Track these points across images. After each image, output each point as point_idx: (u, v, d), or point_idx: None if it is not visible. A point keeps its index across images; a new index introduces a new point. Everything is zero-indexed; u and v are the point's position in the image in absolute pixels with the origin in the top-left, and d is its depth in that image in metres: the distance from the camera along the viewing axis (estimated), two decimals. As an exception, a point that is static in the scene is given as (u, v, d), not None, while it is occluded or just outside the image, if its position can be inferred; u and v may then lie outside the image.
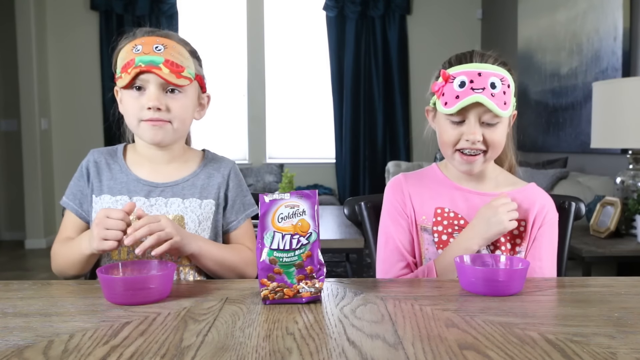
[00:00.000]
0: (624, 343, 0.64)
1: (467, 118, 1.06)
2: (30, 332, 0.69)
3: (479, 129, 1.06)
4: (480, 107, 1.04)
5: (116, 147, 1.19)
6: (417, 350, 0.62)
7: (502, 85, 1.04)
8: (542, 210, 1.13)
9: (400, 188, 1.18)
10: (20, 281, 0.96)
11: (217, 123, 5.21)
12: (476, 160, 1.08)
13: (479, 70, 1.04)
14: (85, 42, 5.19)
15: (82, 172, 1.15)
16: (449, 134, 1.09)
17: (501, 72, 1.05)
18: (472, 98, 1.02)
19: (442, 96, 1.07)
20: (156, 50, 1.05)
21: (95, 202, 1.13)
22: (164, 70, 1.04)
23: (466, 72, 1.04)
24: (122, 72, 1.06)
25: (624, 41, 2.98)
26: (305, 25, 5.41)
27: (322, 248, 0.83)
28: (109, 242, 0.95)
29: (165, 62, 1.04)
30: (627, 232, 2.35)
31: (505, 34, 4.77)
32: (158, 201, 1.11)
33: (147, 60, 1.03)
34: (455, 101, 1.04)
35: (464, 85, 1.04)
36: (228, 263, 1.10)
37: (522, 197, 1.13)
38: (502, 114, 1.03)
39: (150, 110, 1.06)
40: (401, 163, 4.79)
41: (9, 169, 5.16)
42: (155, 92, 1.06)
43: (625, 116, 2.30)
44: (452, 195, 1.15)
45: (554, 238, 1.14)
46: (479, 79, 1.03)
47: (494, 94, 1.02)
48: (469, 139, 1.06)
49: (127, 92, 1.09)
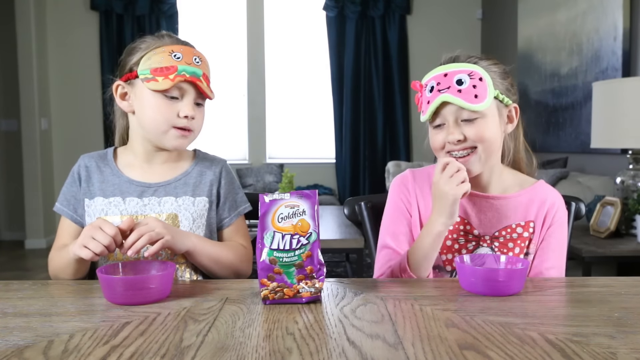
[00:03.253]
0: (624, 343, 0.64)
1: (446, 121, 1.05)
2: (30, 332, 0.69)
3: (456, 128, 1.04)
4: (451, 106, 1.03)
5: (106, 151, 1.20)
6: (417, 350, 0.62)
7: (471, 79, 1.03)
8: (551, 209, 1.10)
9: (407, 185, 1.17)
10: (20, 281, 0.96)
11: (217, 123, 5.21)
12: (469, 160, 1.05)
13: (445, 71, 1.04)
14: (85, 42, 5.19)
15: (74, 178, 1.16)
16: (434, 140, 1.09)
17: (469, 67, 1.04)
18: (438, 99, 1.03)
19: (421, 106, 1.09)
20: (195, 62, 1.09)
21: (88, 205, 1.13)
22: (204, 85, 1.09)
23: (434, 77, 1.06)
24: (159, 75, 1.06)
25: (624, 41, 2.98)
26: (305, 25, 5.41)
27: (322, 248, 0.83)
28: (87, 250, 0.94)
29: (203, 75, 1.10)
30: (627, 232, 2.35)
31: (505, 34, 4.77)
32: (151, 201, 1.12)
33: (190, 71, 1.07)
34: (427, 107, 1.05)
35: (432, 90, 1.05)
36: (223, 260, 1.11)
37: (530, 197, 1.11)
38: (471, 107, 1.02)
39: (187, 118, 1.09)
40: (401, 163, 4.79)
41: (9, 169, 5.16)
42: (192, 102, 1.10)
43: (625, 116, 2.30)
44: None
45: (563, 238, 1.11)
46: (445, 79, 1.03)
47: (460, 89, 1.02)
48: (449, 140, 1.05)
49: (159, 95, 1.08)
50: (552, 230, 1.10)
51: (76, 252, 0.96)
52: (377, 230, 1.25)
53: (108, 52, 5.13)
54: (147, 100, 1.09)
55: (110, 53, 5.13)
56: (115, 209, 1.11)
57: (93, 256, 0.94)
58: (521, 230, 1.09)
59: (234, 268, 1.12)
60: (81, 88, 5.20)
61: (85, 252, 0.94)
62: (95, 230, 0.95)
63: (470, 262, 0.94)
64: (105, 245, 0.93)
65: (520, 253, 1.09)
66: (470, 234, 1.11)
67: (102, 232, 0.94)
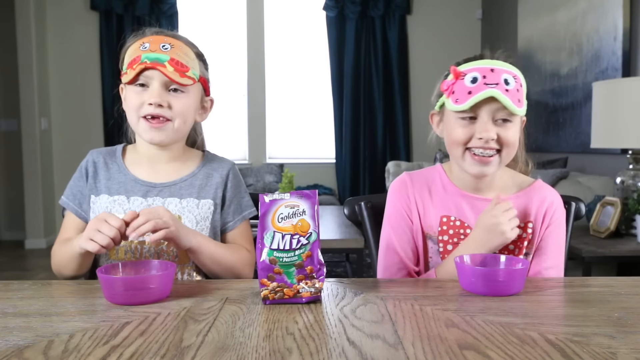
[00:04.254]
0: (624, 343, 0.64)
1: (479, 116, 1.01)
2: (30, 332, 0.69)
3: (492, 126, 1.01)
4: (494, 103, 0.99)
5: (115, 148, 1.19)
6: (417, 350, 0.62)
7: (515, 82, 1.00)
8: (549, 208, 1.09)
9: (405, 191, 1.14)
10: (20, 281, 0.96)
11: (217, 123, 5.21)
12: (491, 162, 1.02)
13: (492, 66, 1.00)
14: (85, 42, 5.19)
15: (82, 173, 1.16)
16: (458, 133, 1.03)
17: (513, 69, 1.02)
18: (486, 93, 0.98)
19: (452, 94, 1.02)
20: (163, 48, 1.06)
21: (93, 201, 1.13)
22: (168, 68, 1.05)
23: (478, 69, 1.00)
24: (128, 68, 1.08)
25: (624, 41, 2.98)
26: (305, 25, 5.41)
27: (322, 248, 0.83)
28: (93, 243, 0.94)
29: (171, 60, 1.05)
30: (627, 232, 2.35)
31: (505, 34, 4.77)
32: (155, 201, 1.12)
33: (152, 57, 1.05)
34: (467, 97, 0.99)
35: (476, 81, 0.99)
36: (225, 262, 1.10)
37: (528, 197, 1.10)
38: (516, 111, 0.99)
39: (151, 106, 1.06)
40: (401, 163, 4.79)
41: (9, 169, 5.16)
42: (158, 88, 1.07)
43: (625, 116, 2.30)
44: (458, 202, 1.11)
45: (561, 237, 1.10)
46: (492, 75, 0.99)
47: (508, 89, 0.98)
48: (482, 136, 1.00)
49: (130, 87, 1.10)
50: (551, 230, 1.09)
51: (82, 245, 0.96)
52: (377, 230, 1.25)
53: (108, 52, 5.12)
54: (127, 95, 1.12)
55: (110, 53, 5.12)
56: (119, 208, 1.11)
57: (100, 249, 0.94)
58: (520, 232, 1.08)
59: (236, 271, 1.12)
60: (81, 88, 5.20)
61: (91, 245, 0.94)
62: (100, 223, 0.95)
63: (470, 262, 0.94)
64: (111, 237, 0.94)
65: (519, 254, 1.08)
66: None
67: (108, 225, 0.94)
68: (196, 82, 1.10)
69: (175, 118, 1.09)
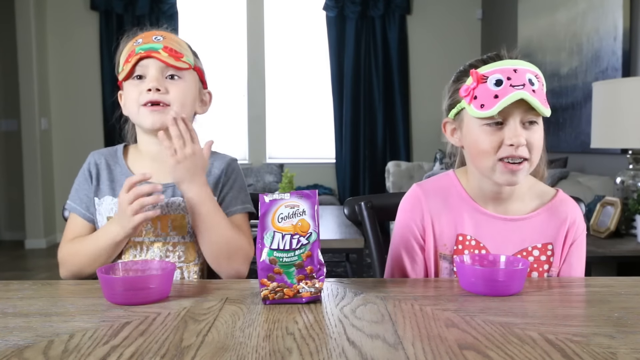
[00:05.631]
0: (624, 343, 0.64)
1: (507, 120, 0.94)
2: (30, 332, 0.69)
3: (522, 130, 0.94)
4: (521, 106, 0.93)
5: (116, 148, 1.19)
6: (417, 350, 0.62)
7: (539, 82, 0.94)
8: (572, 226, 1.03)
9: (420, 208, 1.06)
10: (20, 281, 0.96)
11: (217, 123, 5.21)
12: (521, 170, 0.95)
13: (514, 66, 0.94)
14: (85, 42, 5.19)
15: (86, 175, 1.15)
16: (488, 142, 0.95)
17: (535, 68, 0.96)
18: (515, 95, 0.91)
19: (475, 99, 0.95)
20: (155, 39, 1.09)
21: (98, 204, 1.13)
22: (162, 54, 1.08)
23: (500, 70, 0.94)
24: (124, 64, 1.10)
25: (624, 41, 2.98)
26: (305, 25, 5.41)
27: (322, 248, 0.83)
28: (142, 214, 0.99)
29: (164, 47, 1.09)
30: (627, 232, 2.35)
31: (505, 34, 4.77)
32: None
33: (146, 47, 1.08)
34: (494, 101, 0.92)
35: (501, 84, 0.92)
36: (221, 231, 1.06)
37: (549, 215, 1.04)
38: (545, 112, 0.93)
39: (150, 92, 1.07)
40: (401, 163, 4.79)
41: (9, 169, 5.16)
42: (155, 74, 1.08)
43: (625, 116, 2.30)
44: (476, 219, 1.04)
45: (583, 253, 1.06)
46: (516, 75, 0.92)
47: (534, 90, 0.92)
48: (513, 142, 0.93)
49: (128, 82, 1.11)
50: (574, 248, 1.04)
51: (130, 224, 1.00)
52: (377, 230, 1.25)
53: (108, 52, 5.12)
54: (126, 92, 1.13)
55: (110, 53, 5.12)
56: None
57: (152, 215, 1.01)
58: (538, 253, 1.03)
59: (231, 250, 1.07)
60: (81, 88, 5.20)
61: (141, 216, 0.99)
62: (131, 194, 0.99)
63: (470, 262, 0.94)
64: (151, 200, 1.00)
65: (539, 277, 1.03)
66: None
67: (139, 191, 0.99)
68: (191, 67, 1.13)
69: (174, 103, 1.09)
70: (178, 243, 1.11)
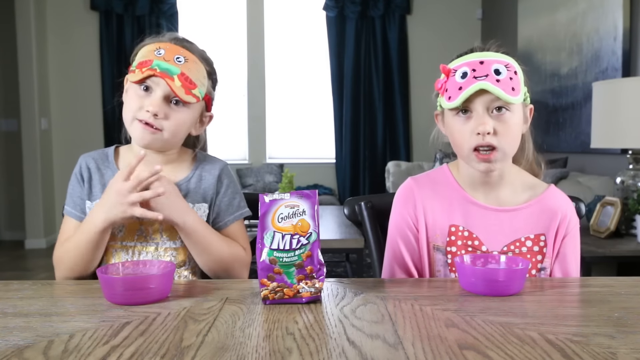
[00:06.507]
0: (624, 343, 0.64)
1: (473, 110, 0.99)
2: (30, 332, 0.69)
3: (489, 119, 0.98)
4: (487, 95, 0.97)
5: (107, 151, 1.18)
6: (417, 350, 0.62)
7: (508, 71, 0.98)
8: (564, 219, 1.05)
9: (412, 199, 1.09)
10: (20, 281, 0.96)
11: (217, 123, 5.19)
12: (492, 158, 0.99)
13: (481, 58, 0.99)
14: (85, 42, 5.19)
15: (78, 179, 1.14)
16: (462, 130, 1.01)
17: (505, 58, 1.00)
18: (475, 86, 0.96)
19: (446, 92, 1.01)
20: (176, 60, 1.06)
21: (89, 207, 1.12)
22: (176, 83, 1.05)
23: (467, 63, 0.99)
24: (137, 67, 1.07)
25: (624, 41, 2.98)
26: (305, 25, 5.41)
27: (322, 248, 0.83)
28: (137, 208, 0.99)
29: (181, 75, 1.06)
30: (627, 232, 2.35)
31: (505, 34, 4.77)
32: None
33: (164, 67, 1.05)
34: (458, 93, 0.98)
35: (466, 76, 0.98)
36: (217, 252, 1.08)
37: (540, 207, 1.05)
38: (510, 99, 0.96)
39: (148, 113, 1.06)
40: (401, 163, 4.79)
41: (9, 169, 5.16)
42: (159, 98, 1.06)
43: (625, 116, 2.30)
44: (467, 210, 1.06)
45: (577, 247, 1.07)
46: (481, 67, 0.98)
47: (499, 79, 0.96)
48: (479, 131, 0.97)
49: (134, 87, 1.09)
50: (567, 241, 1.06)
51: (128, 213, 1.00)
52: (377, 230, 1.25)
53: (108, 52, 5.13)
54: (128, 91, 1.11)
55: (110, 53, 5.13)
56: None
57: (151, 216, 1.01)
58: (530, 244, 1.05)
59: (226, 265, 1.09)
60: (81, 88, 5.20)
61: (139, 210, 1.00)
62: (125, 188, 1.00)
63: (470, 262, 0.94)
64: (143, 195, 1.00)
65: (532, 268, 1.05)
66: (479, 249, 1.05)
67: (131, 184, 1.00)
68: (200, 100, 1.11)
69: (166, 130, 1.08)
70: (169, 248, 1.11)
